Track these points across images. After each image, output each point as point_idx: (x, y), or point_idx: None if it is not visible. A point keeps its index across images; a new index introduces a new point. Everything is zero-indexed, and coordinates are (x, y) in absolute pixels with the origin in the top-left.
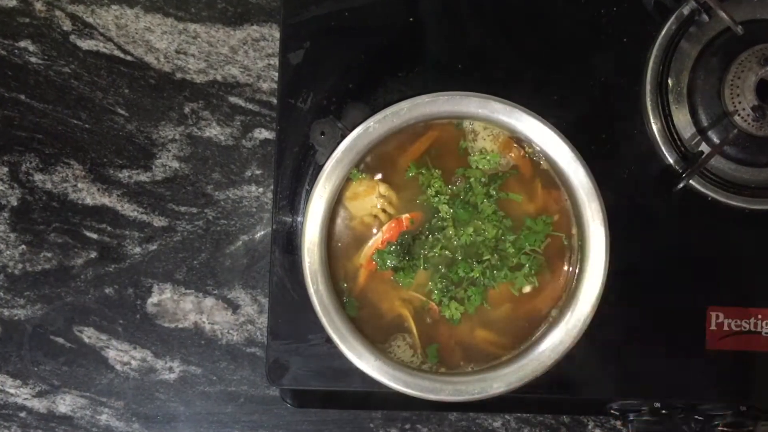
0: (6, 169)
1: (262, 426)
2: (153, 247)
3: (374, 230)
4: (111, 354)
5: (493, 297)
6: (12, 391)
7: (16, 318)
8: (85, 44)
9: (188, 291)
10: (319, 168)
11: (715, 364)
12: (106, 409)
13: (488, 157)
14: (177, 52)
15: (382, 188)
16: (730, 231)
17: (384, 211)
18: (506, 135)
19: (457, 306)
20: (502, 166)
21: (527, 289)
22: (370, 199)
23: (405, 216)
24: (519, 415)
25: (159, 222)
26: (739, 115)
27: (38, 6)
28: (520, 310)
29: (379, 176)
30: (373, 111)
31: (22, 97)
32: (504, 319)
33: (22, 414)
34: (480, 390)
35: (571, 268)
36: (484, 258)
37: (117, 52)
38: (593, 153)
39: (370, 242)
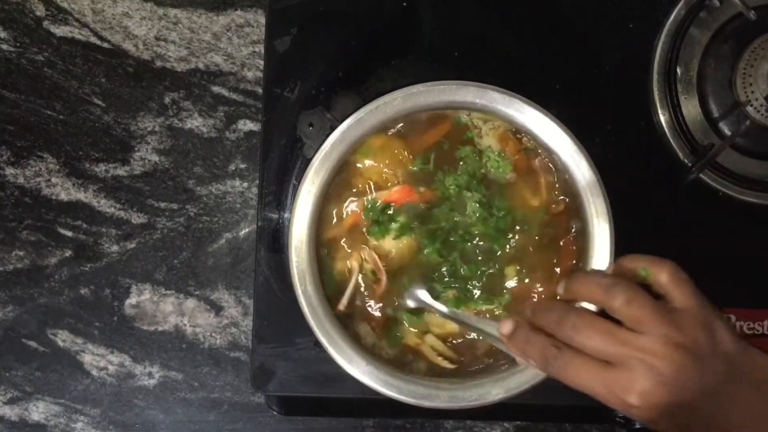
0: None
1: None
2: (131, 245)
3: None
4: (87, 358)
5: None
6: None
7: None
8: (60, 30)
9: (168, 292)
10: (307, 162)
11: None
12: (81, 417)
13: (500, 166)
14: (156, 38)
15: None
16: (742, 228)
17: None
18: (505, 127)
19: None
20: (508, 178)
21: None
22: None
23: (422, 189)
24: (519, 423)
25: (137, 219)
26: (751, 105)
27: None
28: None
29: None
30: (365, 101)
31: None
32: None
33: None
34: (477, 396)
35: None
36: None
37: (93, 39)
38: (597, 146)
39: (373, 195)
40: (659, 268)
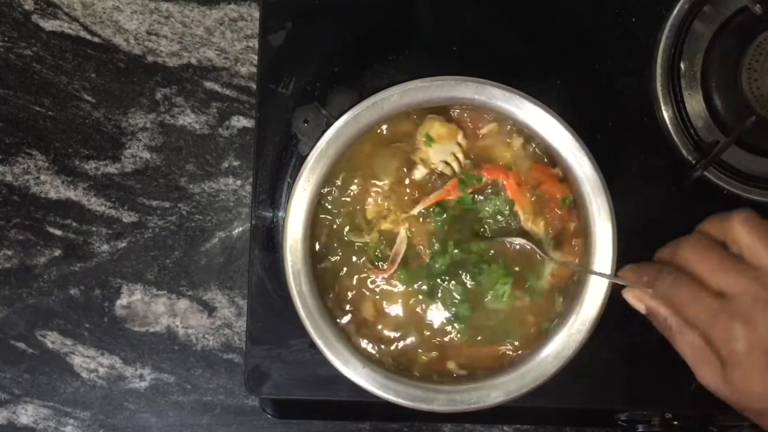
0: None
1: None
2: (122, 244)
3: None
4: (76, 360)
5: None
6: None
7: None
8: (49, 25)
9: (160, 292)
10: (303, 159)
11: None
12: (71, 420)
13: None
14: (148, 33)
15: (460, 136)
16: None
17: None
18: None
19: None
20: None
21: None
22: (451, 145)
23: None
24: (519, 426)
25: (128, 217)
26: (757, 101)
27: None
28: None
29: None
30: (361, 97)
31: None
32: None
33: None
34: (476, 399)
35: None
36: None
37: (83, 34)
38: (599, 143)
39: (432, 196)
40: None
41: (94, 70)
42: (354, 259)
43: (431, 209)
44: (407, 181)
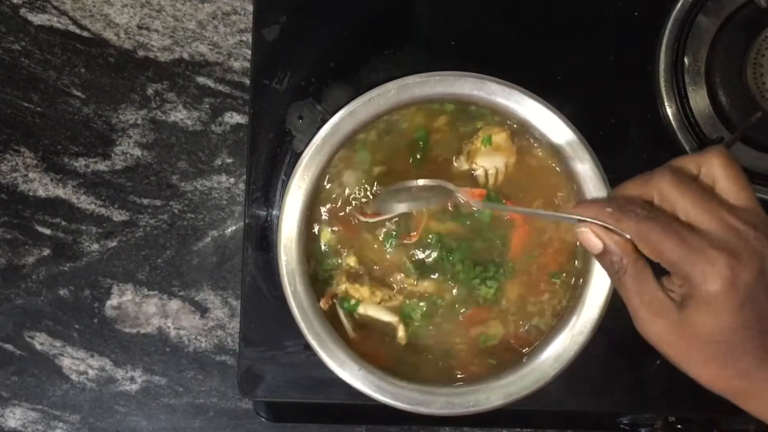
0: None
1: None
2: (112, 243)
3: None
4: (66, 362)
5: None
6: None
7: None
8: (37, 18)
9: (151, 292)
10: (297, 156)
11: None
12: (60, 424)
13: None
14: (139, 27)
15: (512, 159)
16: None
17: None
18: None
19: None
20: None
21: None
22: (499, 159)
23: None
24: (518, 430)
25: (119, 216)
26: (763, 96)
27: None
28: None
29: None
30: (357, 93)
31: None
32: None
33: None
34: (475, 402)
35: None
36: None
37: (72, 28)
38: (601, 139)
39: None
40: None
41: (84, 65)
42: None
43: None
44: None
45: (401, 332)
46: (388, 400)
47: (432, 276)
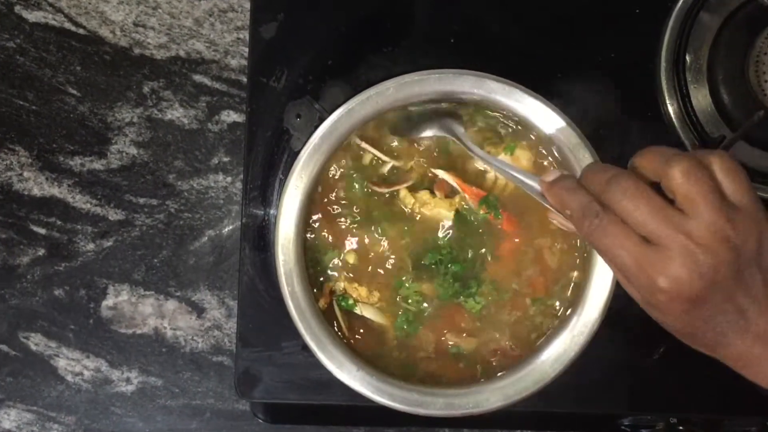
0: None
1: None
2: (108, 243)
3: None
4: (61, 363)
5: None
6: None
7: None
8: (32, 16)
9: (148, 293)
10: (295, 155)
11: (740, 376)
12: (55, 425)
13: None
14: (135, 24)
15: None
16: None
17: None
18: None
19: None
20: None
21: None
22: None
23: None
24: (518, 431)
25: (115, 215)
26: (765, 94)
27: None
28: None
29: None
30: (355, 91)
31: None
32: None
33: None
34: (475, 404)
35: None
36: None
37: (68, 25)
38: (602, 138)
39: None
40: (708, 159)
41: (80, 62)
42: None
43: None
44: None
45: (391, 333)
46: (387, 402)
47: (424, 277)
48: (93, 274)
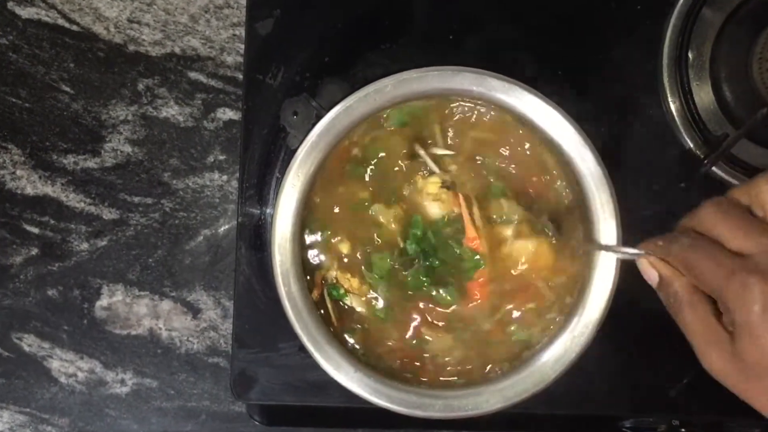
0: None
1: None
2: (102, 242)
3: None
4: (54, 364)
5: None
6: None
7: None
8: (25, 12)
9: (142, 293)
10: (292, 153)
11: None
12: (48, 428)
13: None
14: (129, 21)
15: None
16: None
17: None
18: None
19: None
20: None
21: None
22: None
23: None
24: None
25: (109, 214)
26: None
27: None
28: None
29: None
30: (353, 88)
31: None
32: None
33: None
34: (474, 406)
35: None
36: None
37: (61, 21)
38: (603, 136)
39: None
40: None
41: (73, 59)
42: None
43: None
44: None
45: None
46: (385, 404)
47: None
48: (87, 274)
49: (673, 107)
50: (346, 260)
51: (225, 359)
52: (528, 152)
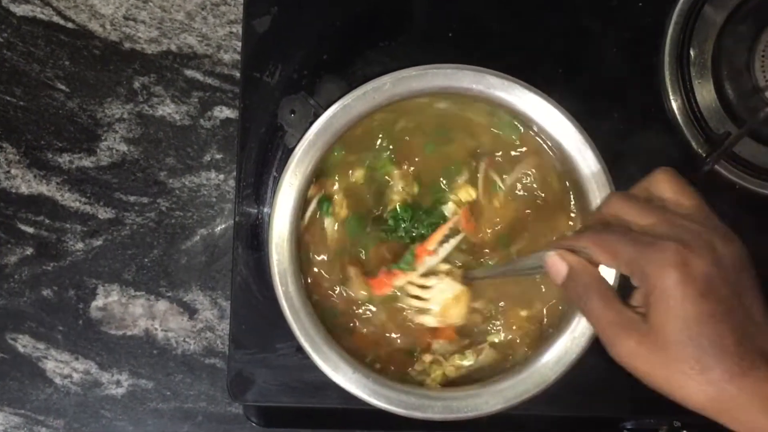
0: None
1: None
2: (98, 242)
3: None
4: (49, 365)
5: None
6: None
7: None
8: (20, 9)
9: (138, 293)
10: (289, 152)
11: None
12: (43, 429)
13: None
14: (125, 18)
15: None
16: (760, 223)
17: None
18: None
19: None
20: None
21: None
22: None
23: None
24: None
25: (104, 214)
26: None
27: None
28: None
29: None
30: (351, 86)
31: None
32: None
33: None
34: (474, 407)
35: None
36: None
37: (56, 19)
38: (604, 134)
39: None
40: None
41: (68, 57)
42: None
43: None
44: None
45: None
46: (384, 405)
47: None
48: (82, 274)
49: (674, 105)
50: (352, 189)
51: (222, 360)
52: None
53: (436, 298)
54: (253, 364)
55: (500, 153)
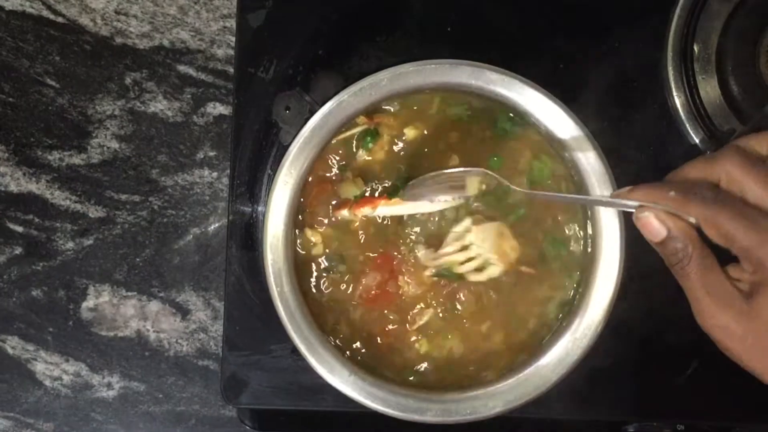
0: None
1: None
2: (88, 241)
3: None
4: (39, 367)
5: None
6: None
7: None
8: (9, 3)
9: (130, 293)
10: (284, 149)
11: (752, 381)
12: None
13: None
14: (116, 12)
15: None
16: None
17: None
18: None
19: None
20: None
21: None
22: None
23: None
24: None
25: (95, 212)
26: None
27: None
28: None
29: None
30: (347, 82)
31: None
32: None
33: None
34: (472, 410)
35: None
36: None
37: (46, 13)
38: (605, 131)
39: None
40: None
41: (58, 52)
42: None
43: None
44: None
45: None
46: (381, 408)
47: None
48: (72, 274)
49: (678, 102)
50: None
51: (215, 362)
52: None
53: (484, 246)
54: (247, 366)
55: None
